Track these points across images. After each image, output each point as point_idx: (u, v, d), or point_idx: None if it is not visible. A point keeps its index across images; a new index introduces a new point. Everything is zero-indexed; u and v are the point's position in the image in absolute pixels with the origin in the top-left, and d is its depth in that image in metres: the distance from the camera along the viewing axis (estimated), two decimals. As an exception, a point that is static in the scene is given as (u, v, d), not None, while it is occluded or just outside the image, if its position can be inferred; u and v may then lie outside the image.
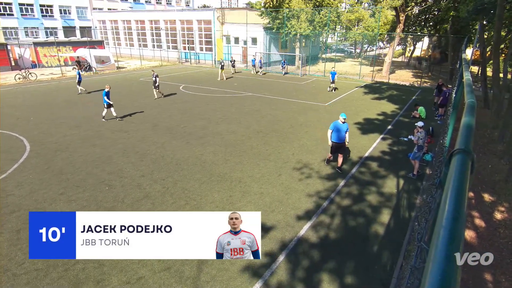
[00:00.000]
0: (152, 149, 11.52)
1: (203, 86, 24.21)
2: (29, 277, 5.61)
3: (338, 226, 7.32)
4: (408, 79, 30.47)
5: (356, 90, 24.24)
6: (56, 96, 20.34)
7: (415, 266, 3.10)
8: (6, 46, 31.59)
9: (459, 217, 0.95)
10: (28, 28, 45.93)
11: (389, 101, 20.47)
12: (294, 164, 10.49)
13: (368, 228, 7.32)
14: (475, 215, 8.06)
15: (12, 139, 12.47)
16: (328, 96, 21.09)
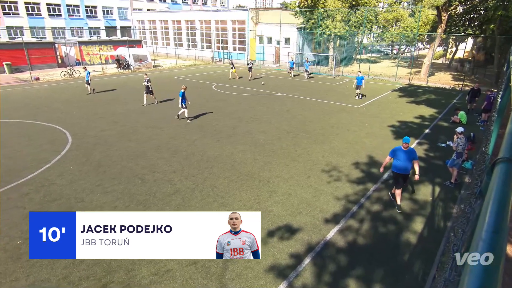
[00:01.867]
0: (184, 146, 11.85)
1: (235, 85, 24.49)
2: (66, 262, 5.99)
3: (367, 232, 7.11)
4: (448, 82, 28.89)
5: (391, 92, 23.38)
6: (95, 92, 21.52)
7: (449, 279, 2.94)
8: (54, 45, 33.89)
9: (501, 231, 0.89)
10: (73, 28, 49.00)
11: (427, 104, 19.54)
12: (323, 166, 10.33)
13: (399, 235, 7.04)
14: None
15: (56, 132, 13.35)
16: (361, 98, 20.52)
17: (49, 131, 13.42)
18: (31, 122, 14.74)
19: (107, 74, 29.98)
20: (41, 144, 11.97)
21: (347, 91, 23.20)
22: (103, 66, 31.82)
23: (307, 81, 27.61)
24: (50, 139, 12.48)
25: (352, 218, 7.60)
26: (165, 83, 25.48)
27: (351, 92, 22.30)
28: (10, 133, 13.21)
